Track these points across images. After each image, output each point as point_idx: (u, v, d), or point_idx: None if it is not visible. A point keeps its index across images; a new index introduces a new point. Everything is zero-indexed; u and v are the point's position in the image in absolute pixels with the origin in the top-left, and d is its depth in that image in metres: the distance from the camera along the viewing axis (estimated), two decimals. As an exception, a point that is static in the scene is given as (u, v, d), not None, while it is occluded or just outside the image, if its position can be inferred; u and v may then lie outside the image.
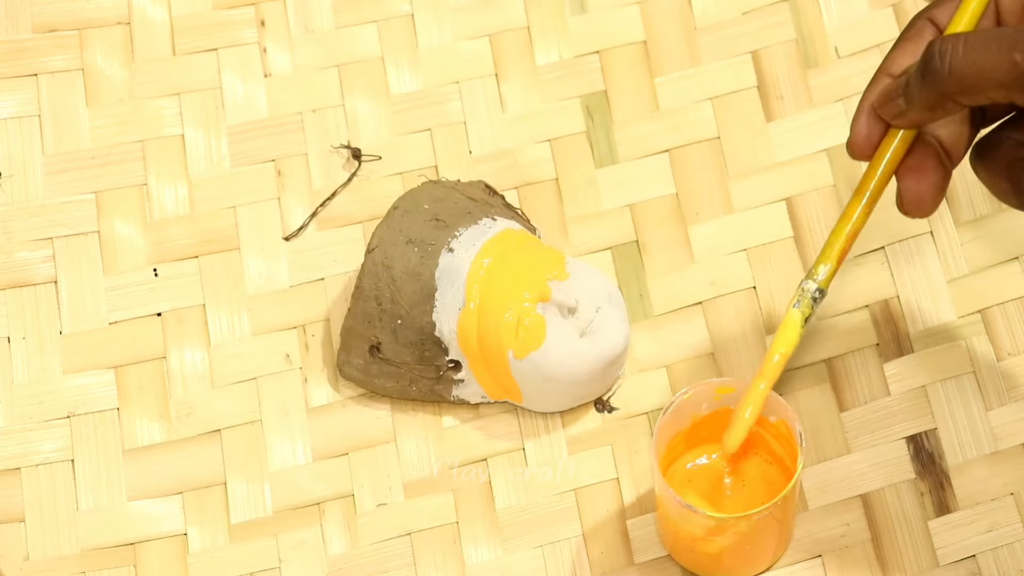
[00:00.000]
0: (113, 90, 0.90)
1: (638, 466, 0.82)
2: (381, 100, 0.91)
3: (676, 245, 0.87)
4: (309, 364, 0.85)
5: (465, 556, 0.81)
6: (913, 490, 0.81)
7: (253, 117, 0.90)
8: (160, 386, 0.85)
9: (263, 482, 0.83)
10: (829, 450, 0.82)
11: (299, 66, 0.91)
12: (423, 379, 0.83)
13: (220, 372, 0.85)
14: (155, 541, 0.81)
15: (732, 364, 0.85)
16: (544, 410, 0.84)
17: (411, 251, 0.81)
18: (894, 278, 0.86)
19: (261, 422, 0.84)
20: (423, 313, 0.81)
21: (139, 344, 0.85)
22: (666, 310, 0.86)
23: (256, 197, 0.89)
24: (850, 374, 0.84)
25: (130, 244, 0.87)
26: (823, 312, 0.85)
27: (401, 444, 0.84)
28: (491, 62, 0.92)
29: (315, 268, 0.88)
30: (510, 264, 0.81)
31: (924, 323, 0.85)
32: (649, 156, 0.90)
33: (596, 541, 0.81)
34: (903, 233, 0.87)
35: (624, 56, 0.92)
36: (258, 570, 0.81)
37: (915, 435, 0.82)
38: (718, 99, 0.91)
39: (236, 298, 0.87)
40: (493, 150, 0.90)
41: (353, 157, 0.89)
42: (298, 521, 0.82)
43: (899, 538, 0.80)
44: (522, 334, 0.80)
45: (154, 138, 0.90)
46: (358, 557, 0.81)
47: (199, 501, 0.82)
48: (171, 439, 0.83)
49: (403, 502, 0.82)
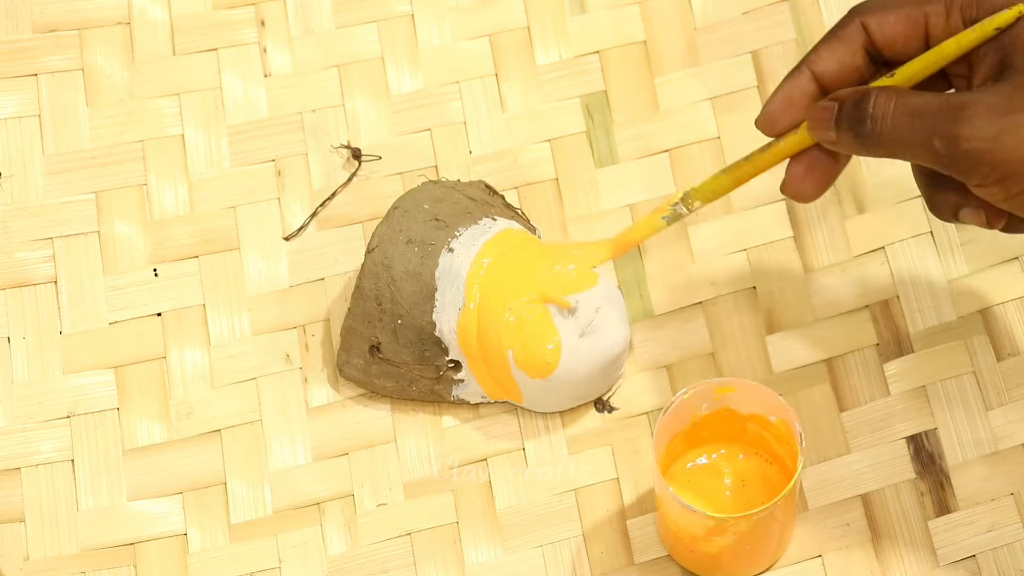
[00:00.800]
0: (113, 90, 0.90)
1: (638, 466, 0.82)
2: (381, 100, 0.91)
3: (676, 245, 0.87)
4: (309, 364, 0.85)
5: (465, 556, 0.81)
6: (913, 490, 0.81)
7: (253, 117, 0.90)
8: (160, 386, 0.84)
9: (263, 482, 0.83)
10: (829, 450, 0.82)
11: (299, 66, 0.91)
12: (423, 379, 0.83)
13: (220, 372, 0.85)
14: (155, 541, 0.82)
15: (732, 364, 0.84)
16: (544, 410, 0.84)
17: (411, 251, 0.81)
18: (894, 278, 0.86)
19: (261, 422, 0.84)
20: (423, 313, 0.81)
21: (139, 344, 0.85)
22: (666, 310, 0.86)
23: (256, 197, 0.89)
24: (850, 374, 0.84)
25: (130, 244, 0.87)
26: (824, 312, 0.85)
27: (401, 444, 0.84)
28: (491, 62, 0.92)
29: (315, 268, 0.88)
30: (511, 263, 0.81)
31: (924, 323, 0.85)
32: (649, 156, 0.90)
33: (596, 541, 0.81)
34: (903, 233, 0.87)
35: (624, 56, 0.92)
36: (258, 570, 0.81)
37: (915, 435, 0.82)
38: (718, 99, 0.91)
39: (236, 298, 0.87)
40: (493, 150, 0.90)
41: (353, 157, 0.89)
42: (298, 521, 0.82)
43: (899, 538, 0.80)
44: (527, 330, 0.80)
45: (154, 138, 0.90)
46: (358, 557, 0.81)
47: (199, 501, 0.82)
48: (171, 439, 0.83)
49: (403, 502, 0.82)
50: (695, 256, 0.87)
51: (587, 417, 0.84)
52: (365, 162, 0.89)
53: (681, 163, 0.89)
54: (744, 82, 0.91)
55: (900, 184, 0.87)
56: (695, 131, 0.90)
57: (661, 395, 0.84)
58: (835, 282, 0.86)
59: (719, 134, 0.90)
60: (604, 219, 0.88)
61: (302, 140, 0.90)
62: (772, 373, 0.84)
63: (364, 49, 0.92)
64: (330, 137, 0.90)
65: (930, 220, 0.87)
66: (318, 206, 0.88)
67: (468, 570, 0.81)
